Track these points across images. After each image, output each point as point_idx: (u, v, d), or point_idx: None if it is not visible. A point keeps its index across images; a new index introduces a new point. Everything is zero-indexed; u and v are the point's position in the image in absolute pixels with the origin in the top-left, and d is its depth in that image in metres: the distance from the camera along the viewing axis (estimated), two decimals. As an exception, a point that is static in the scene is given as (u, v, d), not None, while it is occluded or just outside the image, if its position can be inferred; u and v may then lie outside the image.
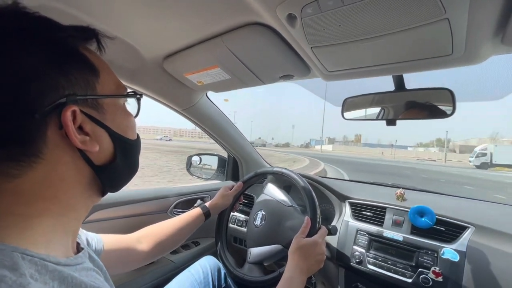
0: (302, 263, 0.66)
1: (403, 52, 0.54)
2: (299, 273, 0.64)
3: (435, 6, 0.40)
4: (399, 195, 0.95)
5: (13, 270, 0.23)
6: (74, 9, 0.56)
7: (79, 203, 0.35)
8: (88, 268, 0.35)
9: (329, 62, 0.64)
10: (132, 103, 0.43)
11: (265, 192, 0.97)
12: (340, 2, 0.43)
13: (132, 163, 0.41)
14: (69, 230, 0.34)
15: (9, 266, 0.23)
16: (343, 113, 0.88)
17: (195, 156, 1.44)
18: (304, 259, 0.66)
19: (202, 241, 1.23)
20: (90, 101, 0.33)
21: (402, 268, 0.78)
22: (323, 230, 0.75)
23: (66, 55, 0.31)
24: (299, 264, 0.65)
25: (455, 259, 0.72)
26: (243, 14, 0.56)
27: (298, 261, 0.66)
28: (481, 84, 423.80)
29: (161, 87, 0.94)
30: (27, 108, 0.28)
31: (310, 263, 0.67)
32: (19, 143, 0.28)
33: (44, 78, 0.29)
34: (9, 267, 0.23)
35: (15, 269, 0.23)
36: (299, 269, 0.65)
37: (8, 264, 0.23)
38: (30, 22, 0.30)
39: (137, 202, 1.00)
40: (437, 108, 0.69)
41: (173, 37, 0.68)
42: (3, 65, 0.27)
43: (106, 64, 0.38)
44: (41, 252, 0.27)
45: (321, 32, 0.51)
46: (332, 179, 1.26)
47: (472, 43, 0.48)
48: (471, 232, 0.77)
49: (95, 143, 0.33)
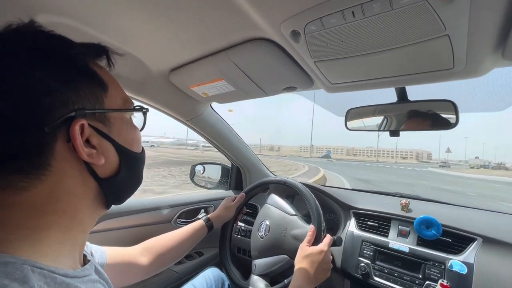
0: (309, 272, 0.65)
1: (405, 66, 0.55)
2: (306, 282, 0.64)
3: (435, 23, 0.41)
4: (404, 205, 0.94)
5: (23, 283, 0.24)
6: (86, 26, 0.58)
7: (85, 216, 0.35)
8: (94, 280, 0.35)
9: (332, 75, 0.65)
10: (138, 116, 0.44)
11: (268, 202, 0.97)
12: (342, 19, 0.44)
13: (136, 176, 0.42)
14: (77, 242, 0.35)
15: (19, 278, 0.24)
16: (346, 123, 0.89)
17: (198, 165, 1.45)
18: (311, 267, 0.66)
19: (206, 251, 1.22)
20: (97, 115, 0.34)
21: (409, 280, 0.77)
22: (328, 238, 0.74)
23: (77, 71, 0.33)
24: (306, 273, 0.65)
25: (463, 272, 0.71)
26: (248, 30, 0.57)
27: (305, 270, 0.65)
28: (484, 95, 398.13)
29: (167, 98, 0.96)
30: (38, 122, 0.29)
31: (317, 272, 0.66)
32: (28, 156, 0.29)
33: (55, 93, 0.30)
34: (19, 280, 0.24)
35: (25, 281, 0.24)
36: (307, 278, 0.64)
37: (18, 277, 0.24)
38: (44, 40, 0.31)
39: (141, 212, 1.00)
40: (440, 119, 0.70)
41: (179, 51, 0.70)
42: (17, 81, 0.28)
43: (114, 79, 0.39)
44: (49, 264, 0.28)
45: (324, 47, 0.53)
46: (335, 188, 1.25)
47: (473, 57, 0.49)
48: (478, 243, 0.76)
49: (101, 156, 0.34)
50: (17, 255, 0.26)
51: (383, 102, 0.79)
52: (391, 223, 0.91)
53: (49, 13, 0.53)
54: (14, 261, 0.25)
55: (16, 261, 0.25)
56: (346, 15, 0.43)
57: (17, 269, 0.24)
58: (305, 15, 0.46)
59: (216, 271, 0.94)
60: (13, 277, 0.24)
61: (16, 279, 0.24)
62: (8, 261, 0.25)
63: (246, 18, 0.52)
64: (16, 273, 0.24)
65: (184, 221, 1.15)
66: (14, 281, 0.23)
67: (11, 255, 0.26)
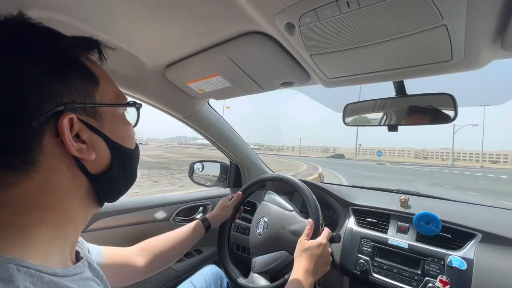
0: (308, 266, 0.64)
1: (402, 58, 0.54)
2: (306, 276, 0.63)
3: (432, 13, 0.40)
4: (403, 201, 0.94)
5: (8, 282, 0.23)
6: (78, 21, 0.57)
7: (76, 213, 0.34)
8: (86, 278, 0.34)
9: (329, 69, 0.64)
10: (132, 112, 0.43)
11: (265, 199, 0.97)
12: (337, 10, 0.43)
13: (129, 173, 0.41)
14: (68, 240, 0.34)
15: (4, 278, 0.23)
16: (344, 119, 0.88)
17: (197, 163, 1.44)
18: (310, 261, 0.65)
19: (205, 249, 1.22)
20: (88, 110, 0.33)
21: (408, 276, 0.77)
22: (326, 232, 0.74)
23: (66, 64, 0.32)
24: (305, 267, 0.64)
25: (463, 267, 0.70)
26: (242, 23, 0.56)
27: (305, 264, 0.65)
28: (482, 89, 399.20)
29: (163, 95, 0.95)
30: (25, 116, 0.28)
31: (317, 265, 0.66)
32: (15, 151, 0.28)
33: (43, 87, 0.29)
34: (4, 280, 0.23)
35: (10, 281, 0.23)
36: (306, 271, 0.64)
37: (3, 277, 0.23)
38: (32, 32, 0.30)
39: (139, 210, 0.99)
40: (440, 113, 0.69)
41: (174, 46, 0.69)
42: (4, 74, 0.27)
43: (107, 73, 0.38)
44: (38, 263, 0.27)
45: (320, 40, 0.52)
46: (334, 185, 1.24)
47: (472, 48, 0.48)
48: (478, 239, 0.75)
49: (92, 151, 0.33)
50: (3, 254, 0.25)
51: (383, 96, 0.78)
52: (390, 219, 0.91)
53: (41, 8, 0.52)
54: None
55: (1, 260, 0.25)
56: (341, 6, 0.42)
57: (1, 268, 0.24)
58: (299, 6, 0.45)
59: (215, 268, 0.94)
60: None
61: (0, 278, 0.23)
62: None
63: (240, 11, 0.51)
64: (1, 272, 0.24)
65: (182, 219, 1.15)
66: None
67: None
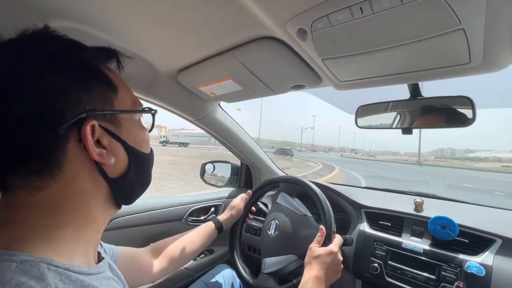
0: (319, 273, 0.64)
1: (417, 62, 0.53)
2: (316, 284, 0.63)
3: (449, 17, 0.39)
4: (418, 203, 0.92)
5: (39, 280, 0.25)
6: (97, 30, 0.60)
7: (98, 215, 0.36)
8: (108, 277, 0.36)
9: (341, 73, 0.64)
10: (147, 117, 0.45)
11: (278, 201, 0.97)
12: (350, 16, 0.43)
13: (144, 176, 0.43)
14: (90, 240, 0.36)
15: (36, 276, 0.25)
16: (357, 120, 0.87)
17: (208, 164, 1.46)
18: (321, 269, 0.65)
19: (216, 249, 1.24)
20: (108, 116, 0.35)
21: (423, 282, 0.75)
22: (338, 239, 0.73)
23: (89, 74, 0.34)
24: (315, 275, 0.64)
25: (481, 274, 0.68)
26: (254, 29, 0.57)
27: (315, 272, 0.65)
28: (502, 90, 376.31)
29: (176, 99, 0.97)
30: (51, 123, 0.30)
31: (327, 274, 0.66)
32: (42, 156, 0.30)
33: (68, 95, 0.31)
34: (36, 277, 0.25)
35: (42, 279, 0.25)
36: (317, 279, 0.63)
37: (35, 275, 0.25)
38: (58, 44, 0.33)
39: (152, 210, 1.02)
40: (456, 115, 0.66)
41: (186, 52, 0.70)
42: (34, 84, 0.29)
43: (124, 81, 0.40)
44: (65, 262, 0.29)
45: (332, 44, 0.51)
46: (346, 186, 1.23)
47: (491, 51, 0.47)
48: (498, 245, 0.72)
49: (111, 156, 0.35)
50: (34, 254, 0.27)
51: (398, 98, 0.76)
52: (404, 222, 0.89)
53: (62, 19, 0.55)
54: (31, 259, 0.26)
55: (33, 259, 0.26)
56: (354, 11, 0.42)
57: (34, 267, 0.26)
58: (312, 13, 0.45)
59: (227, 268, 0.95)
60: (30, 275, 0.25)
61: (33, 276, 0.25)
62: (26, 259, 0.26)
63: (252, 17, 0.52)
64: (33, 271, 0.25)
65: (195, 219, 1.17)
66: (31, 278, 0.25)
67: (28, 253, 0.27)
